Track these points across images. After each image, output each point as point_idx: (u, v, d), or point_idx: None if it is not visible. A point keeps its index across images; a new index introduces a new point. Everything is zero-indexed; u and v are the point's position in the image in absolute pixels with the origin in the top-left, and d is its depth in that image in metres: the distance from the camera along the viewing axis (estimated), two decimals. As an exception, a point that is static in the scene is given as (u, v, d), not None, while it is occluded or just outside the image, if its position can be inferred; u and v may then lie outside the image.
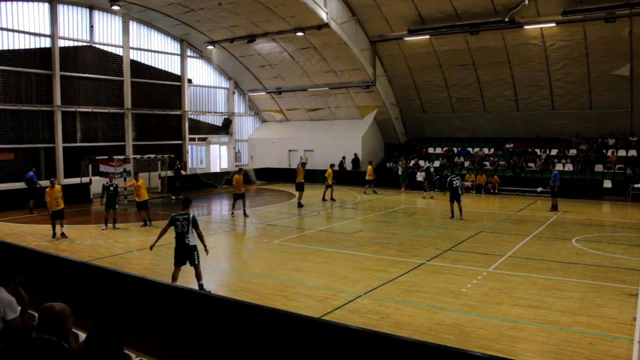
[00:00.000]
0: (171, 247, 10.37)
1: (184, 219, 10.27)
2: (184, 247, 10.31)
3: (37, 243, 15.33)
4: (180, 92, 33.59)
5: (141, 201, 18.36)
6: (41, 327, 4.24)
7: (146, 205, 18.47)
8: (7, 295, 5.44)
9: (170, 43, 32.98)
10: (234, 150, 38.10)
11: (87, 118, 28.19)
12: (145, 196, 18.49)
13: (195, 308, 7.79)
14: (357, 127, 34.03)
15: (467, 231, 16.87)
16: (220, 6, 27.50)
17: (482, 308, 9.34)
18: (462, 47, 28.06)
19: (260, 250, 14.84)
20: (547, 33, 25.55)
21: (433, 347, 5.78)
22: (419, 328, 8.35)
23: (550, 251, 13.95)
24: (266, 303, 9.03)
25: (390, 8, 27.63)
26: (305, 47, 30.82)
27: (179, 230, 10.29)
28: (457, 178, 19.56)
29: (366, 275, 11.65)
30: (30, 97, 25.49)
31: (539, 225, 17.94)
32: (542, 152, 29.09)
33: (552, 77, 27.41)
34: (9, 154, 24.78)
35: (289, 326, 6.74)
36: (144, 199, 18.36)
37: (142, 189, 18.43)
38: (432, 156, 32.71)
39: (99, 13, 28.33)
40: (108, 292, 9.12)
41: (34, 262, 10.55)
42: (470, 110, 31.64)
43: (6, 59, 24.43)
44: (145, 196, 18.49)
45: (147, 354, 6.48)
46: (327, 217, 20.95)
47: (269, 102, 38.17)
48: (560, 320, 8.67)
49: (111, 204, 17.73)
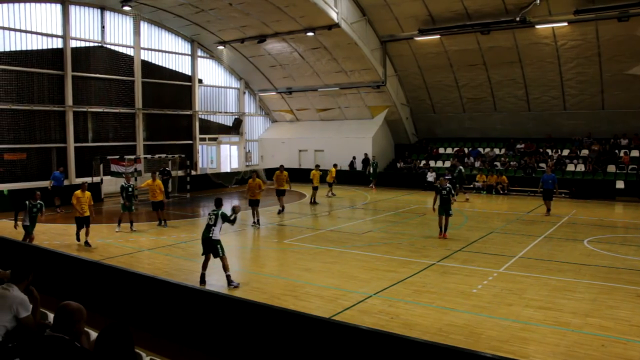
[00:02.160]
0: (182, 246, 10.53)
1: (214, 214, 11.28)
2: (208, 240, 11.11)
3: (50, 242, 15.44)
4: (190, 92, 33.71)
5: (157, 201, 18.48)
6: (56, 326, 4.28)
7: (162, 206, 18.59)
8: (20, 294, 5.49)
9: (181, 43, 33.11)
10: (244, 150, 38.19)
11: (98, 118, 28.37)
12: (161, 196, 18.60)
13: (206, 307, 7.81)
14: (367, 127, 33.98)
15: (478, 232, 16.80)
16: (230, 6, 27.57)
17: (493, 309, 9.29)
18: (473, 47, 27.94)
19: (271, 250, 14.86)
20: (559, 32, 25.37)
21: (443, 348, 5.76)
22: (429, 329, 8.33)
23: (561, 252, 13.86)
24: (276, 303, 9.05)
25: (401, 8, 27.57)
26: (316, 47, 30.83)
27: (208, 223, 11.18)
28: (447, 186, 16.15)
29: (376, 276, 11.63)
30: (42, 98, 25.70)
31: (550, 226, 17.83)
32: (553, 153, 28.89)
33: (563, 76, 27.22)
34: (22, 153, 25.00)
35: (299, 326, 6.73)
36: (159, 199, 18.48)
37: (158, 189, 18.54)
38: (443, 156, 32.60)
39: (110, 14, 28.50)
40: (119, 291, 9.17)
41: (46, 261, 10.63)
42: (481, 110, 31.50)
43: (19, 60, 24.64)
44: (161, 196, 18.60)
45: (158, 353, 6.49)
46: (337, 217, 20.93)
47: (279, 102, 38.22)
48: (571, 321, 8.61)
49: (129, 205, 17.76)
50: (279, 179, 20.30)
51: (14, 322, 5.36)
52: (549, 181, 20.35)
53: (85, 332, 4.80)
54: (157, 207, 18.53)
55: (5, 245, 11.51)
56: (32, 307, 5.55)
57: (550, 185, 20.31)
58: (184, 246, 15.09)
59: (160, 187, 18.92)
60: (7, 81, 24.20)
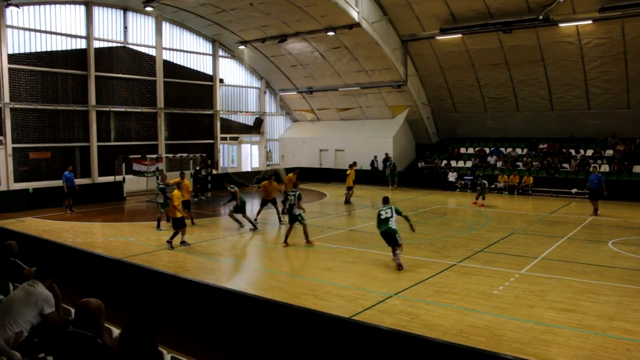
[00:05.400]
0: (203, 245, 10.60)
1: (293, 194, 15.06)
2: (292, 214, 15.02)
3: (73, 240, 15.66)
4: (212, 91, 33.94)
5: (184, 200, 18.67)
6: (77, 322, 4.34)
7: (188, 205, 18.80)
8: (45, 290, 5.60)
9: (202, 43, 33.35)
10: (265, 150, 38.33)
11: (120, 117, 28.70)
12: (188, 196, 18.82)
13: (226, 306, 7.87)
14: (388, 126, 33.87)
15: (500, 232, 16.64)
16: (251, 6, 27.69)
17: (515, 310, 9.20)
18: (495, 46, 27.68)
19: (291, 249, 14.89)
20: (583, 31, 25.00)
21: (464, 349, 5.73)
22: (449, 330, 8.28)
23: (585, 254, 13.66)
24: (296, 302, 9.06)
25: (422, 7, 27.42)
26: (337, 46, 30.81)
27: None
28: (388, 207, 12.78)
29: (397, 276, 11.59)
30: (66, 97, 26.10)
31: (573, 227, 17.60)
32: (577, 153, 28.49)
33: (588, 75, 26.82)
34: (46, 152, 25.41)
35: (319, 326, 6.74)
36: (186, 199, 18.69)
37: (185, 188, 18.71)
38: (464, 156, 32.38)
39: (133, 14, 28.83)
40: (140, 289, 9.28)
41: (70, 258, 10.79)
42: (503, 110, 31.19)
43: (44, 60, 25.07)
44: (188, 196, 18.82)
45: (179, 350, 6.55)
46: (358, 217, 20.90)
47: (300, 101, 38.29)
48: (595, 324, 8.48)
49: (165, 204, 17.93)
50: (267, 190, 19.78)
51: (38, 317, 5.46)
52: (594, 181, 20.19)
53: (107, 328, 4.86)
54: (185, 206, 18.72)
55: (30, 243, 11.70)
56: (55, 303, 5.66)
57: (596, 185, 20.13)
58: (205, 245, 15.21)
59: (188, 186, 19.16)
60: (33, 81, 24.66)
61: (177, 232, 14.93)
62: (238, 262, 13.97)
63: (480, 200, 23.09)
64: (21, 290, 5.55)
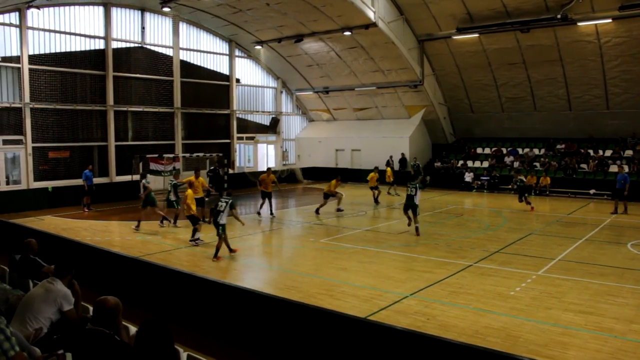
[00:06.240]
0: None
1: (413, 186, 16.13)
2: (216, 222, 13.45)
3: (91, 238, 15.83)
4: (228, 91, 34.08)
5: (199, 198, 18.86)
6: (95, 319, 4.40)
7: (203, 203, 18.95)
8: (64, 288, 5.67)
9: (219, 43, 33.50)
10: (281, 150, 38.41)
11: (138, 117, 28.93)
12: (202, 193, 18.99)
13: (242, 305, 7.90)
14: (404, 126, 33.77)
15: (516, 233, 16.53)
16: (268, 6, 27.76)
17: (531, 312, 9.13)
18: (513, 45, 27.46)
19: (307, 249, 14.92)
20: (602, 29, 24.70)
21: (480, 350, 5.70)
22: (465, 331, 8.24)
23: (603, 255, 13.52)
24: (312, 302, 9.07)
25: (439, 6, 27.30)
26: (353, 46, 30.79)
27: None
28: (415, 185, 16.62)
29: (412, 276, 11.57)
30: (85, 97, 26.37)
31: (591, 228, 17.42)
32: (595, 153, 28.17)
33: (607, 75, 26.50)
34: (65, 152, 25.71)
35: (334, 325, 6.75)
36: (201, 196, 18.87)
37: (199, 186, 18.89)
38: (481, 156, 32.18)
39: (150, 15, 29.04)
40: (156, 287, 9.36)
41: (88, 256, 10.91)
42: (521, 110, 30.94)
43: (63, 61, 25.36)
44: (202, 193, 18.99)
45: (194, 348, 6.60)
46: (374, 217, 20.88)
47: (316, 101, 38.32)
48: (614, 327, 8.38)
49: (178, 201, 18.28)
50: (265, 182, 20.37)
51: (58, 314, 5.54)
52: (621, 181, 20.38)
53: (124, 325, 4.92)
54: (200, 204, 18.90)
55: (49, 241, 11.84)
56: (74, 300, 5.73)
57: (622, 185, 20.30)
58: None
59: (204, 184, 19.41)
60: (52, 82, 24.94)
61: (195, 229, 15.26)
62: (254, 262, 14.02)
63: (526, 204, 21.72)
64: (41, 288, 5.62)
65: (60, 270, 5.85)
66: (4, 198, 21.89)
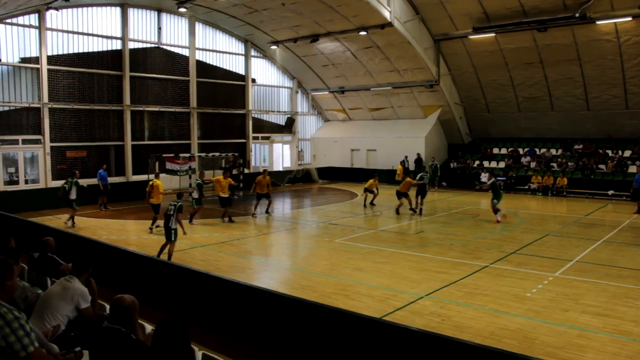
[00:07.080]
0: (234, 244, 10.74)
1: (173, 205, 12.91)
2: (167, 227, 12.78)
3: (108, 237, 15.97)
4: (244, 91, 34.22)
5: (225, 197, 19.13)
6: (112, 318, 4.44)
7: (230, 202, 19.30)
8: (81, 286, 5.73)
9: (235, 43, 33.64)
10: (296, 149, 38.47)
11: (154, 117, 29.18)
12: (227, 193, 19.37)
13: (257, 304, 7.92)
14: (420, 126, 33.64)
15: (533, 234, 16.39)
16: (283, 6, 27.82)
17: (548, 314, 9.05)
18: (530, 44, 27.21)
19: (322, 248, 14.93)
20: (621, 28, 24.37)
21: (496, 351, 5.66)
22: (481, 332, 8.19)
23: (622, 257, 13.35)
24: (327, 302, 9.06)
25: (455, 6, 27.14)
26: (369, 46, 30.74)
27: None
28: (425, 175, 21.72)
29: (428, 277, 11.52)
30: (102, 97, 26.66)
31: (610, 229, 17.21)
32: (613, 154, 27.82)
33: (626, 74, 26.13)
34: (82, 151, 25.99)
35: (349, 325, 6.75)
36: (226, 196, 19.26)
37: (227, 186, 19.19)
38: (497, 157, 31.95)
39: (167, 15, 29.27)
40: (172, 286, 9.41)
41: (104, 255, 11.01)
42: (538, 109, 30.65)
43: (81, 61, 25.67)
44: (227, 193, 19.37)
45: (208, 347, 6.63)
46: (389, 217, 20.81)
47: (332, 101, 38.31)
48: (633, 330, 8.27)
49: (199, 201, 18.81)
50: (261, 184, 20.35)
51: (75, 312, 5.61)
52: (639, 180, 20.66)
53: (140, 324, 4.95)
54: (226, 203, 19.18)
55: (66, 240, 11.96)
56: (91, 298, 5.80)
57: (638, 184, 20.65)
58: (237, 243, 15.34)
59: (232, 183, 20.04)
60: (70, 82, 25.28)
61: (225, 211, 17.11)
62: (269, 261, 14.06)
63: None
64: (58, 285, 5.69)
65: (78, 268, 5.91)
66: (23, 197, 22.17)
